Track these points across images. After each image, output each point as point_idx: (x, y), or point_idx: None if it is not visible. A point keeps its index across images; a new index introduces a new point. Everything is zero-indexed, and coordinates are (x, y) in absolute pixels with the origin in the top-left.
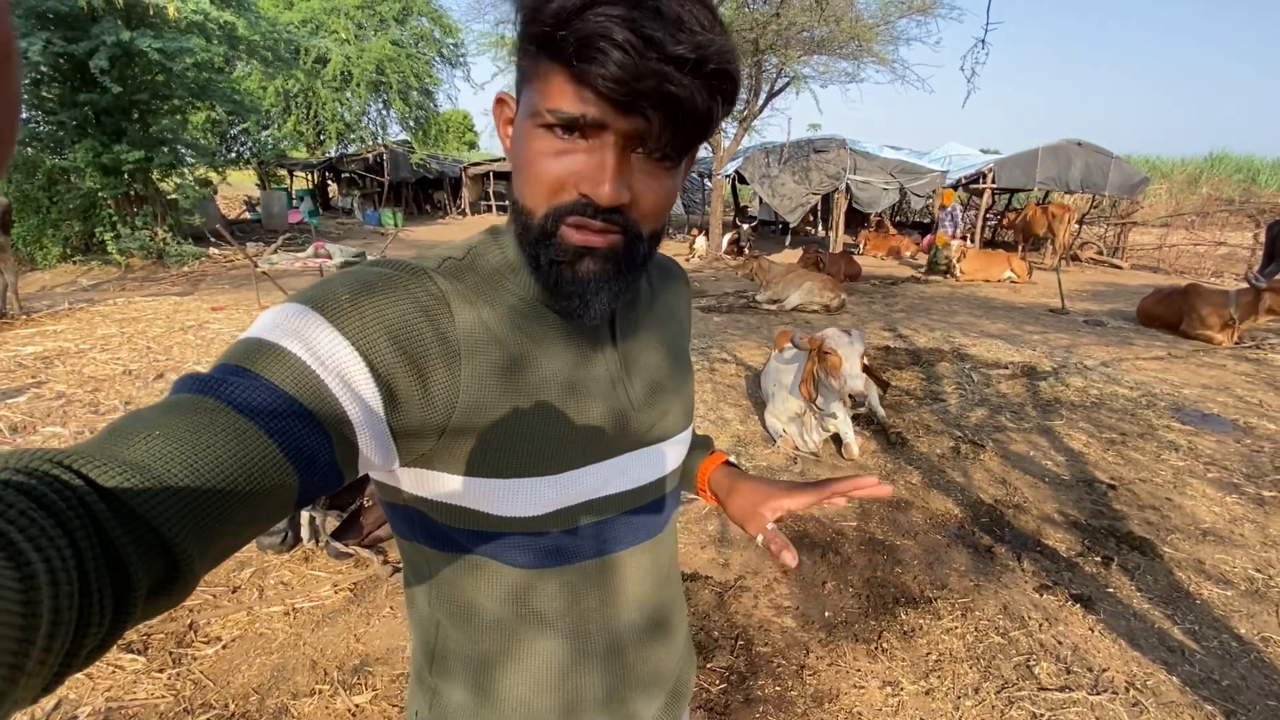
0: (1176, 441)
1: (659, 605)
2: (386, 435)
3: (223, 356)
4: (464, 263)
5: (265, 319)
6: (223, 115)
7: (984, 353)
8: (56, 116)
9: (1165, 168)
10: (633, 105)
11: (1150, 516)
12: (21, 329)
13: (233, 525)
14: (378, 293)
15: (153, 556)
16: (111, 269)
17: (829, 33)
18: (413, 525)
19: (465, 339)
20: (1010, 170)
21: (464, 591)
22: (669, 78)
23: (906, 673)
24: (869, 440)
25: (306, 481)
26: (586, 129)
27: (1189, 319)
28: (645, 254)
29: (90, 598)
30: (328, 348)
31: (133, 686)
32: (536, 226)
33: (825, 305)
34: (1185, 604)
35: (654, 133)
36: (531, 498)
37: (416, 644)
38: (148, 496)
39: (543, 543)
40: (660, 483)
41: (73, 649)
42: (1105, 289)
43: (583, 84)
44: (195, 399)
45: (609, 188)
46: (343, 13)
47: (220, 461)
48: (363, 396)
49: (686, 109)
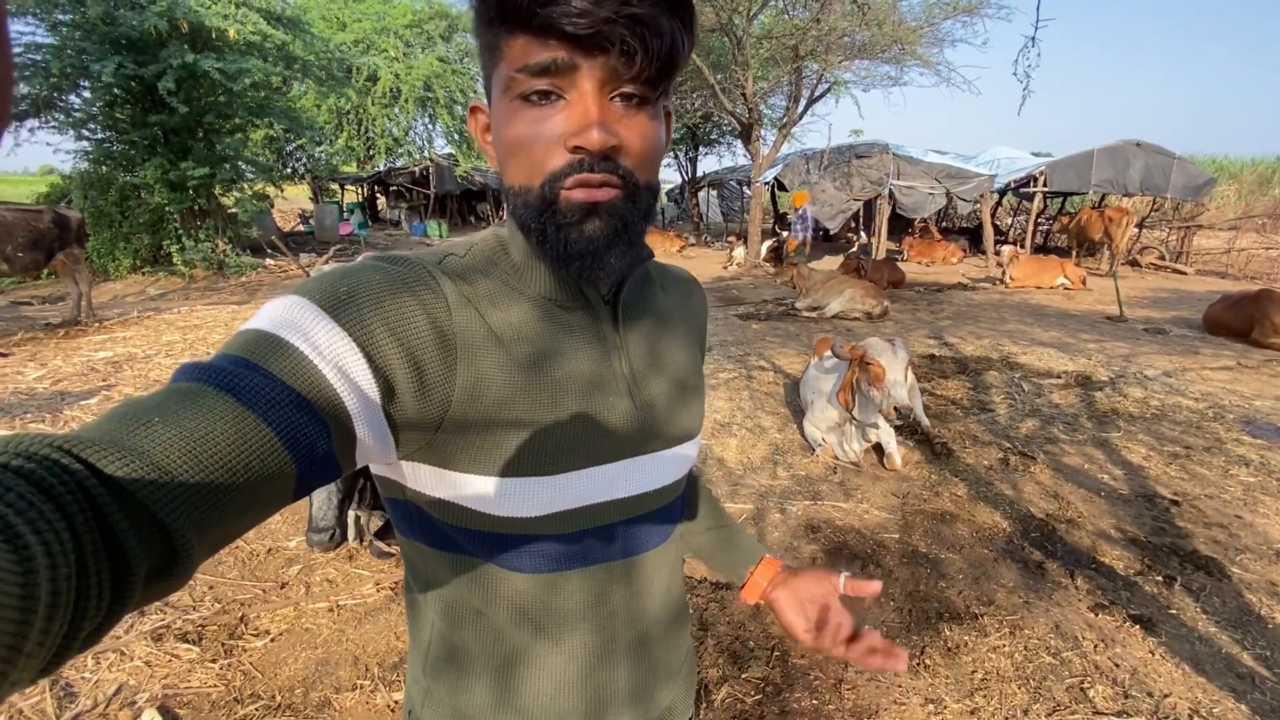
0: (1247, 456)
1: (658, 618)
2: (384, 426)
3: (223, 347)
4: (465, 260)
5: (265, 312)
6: (280, 132)
7: (1035, 361)
8: (128, 136)
9: (1233, 168)
10: (599, 39)
11: (1218, 535)
12: (94, 335)
13: (231, 512)
14: (376, 286)
15: (151, 542)
16: (176, 279)
17: (870, 37)
18: (411, 522)
19: (462, 334)
20: (1063, 173)
21: (457, 591)
22: (627, 0)
23: (950, 691)
24: (912, 450)
25: (304, 471)
26: (560, 78)
27: (1261, 327)
28: (647, 206)
29: (88, 581)
30: (326, 339)
31: (188, 675)
32: (536, 198)
33: (867, 313)
34: (1256, 628)
35: (625, 63)
36: (528, 498)
37: (411, 643)
38: (147, 482)
39: (540, 545)
40: (666, 489)
41: (71, 631)
42: (1168, 295)
43: (547, 33)
44: (195, 387)
45: (596, 131)
46: (392, 32)
47: (219, 449)
48: (360, 387)
49: (652, 30)
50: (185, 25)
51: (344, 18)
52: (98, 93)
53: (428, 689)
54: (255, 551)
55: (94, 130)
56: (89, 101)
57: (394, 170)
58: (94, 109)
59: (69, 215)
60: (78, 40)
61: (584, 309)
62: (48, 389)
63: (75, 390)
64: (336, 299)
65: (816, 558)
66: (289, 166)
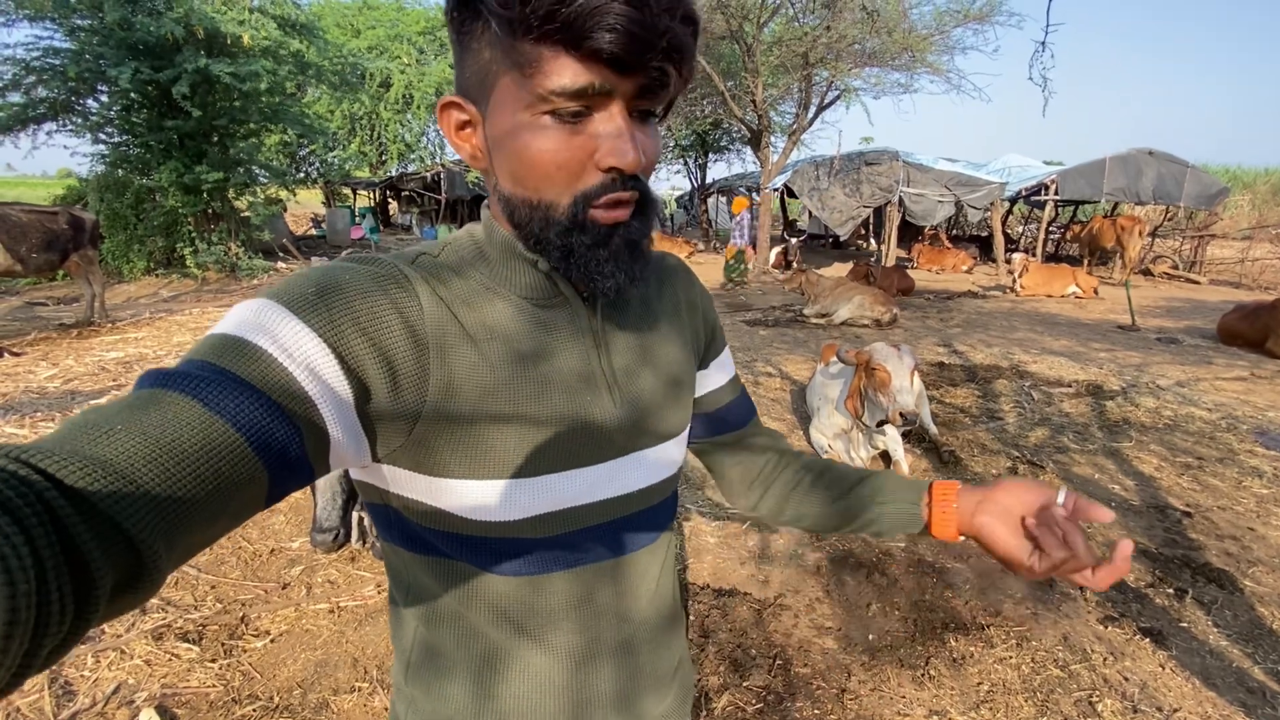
0: (1261, 468)
1: (645, 621)
2: (357, 428)
3: (189, 352)
4: (439, 258)
5: (232, 315)
6: (293, 138)
7: (1045, 370)
8: (144, 140)
9: (1247, 178)
10: (637, 64)
11: (1230, 547)
12: (106, 336)
13: (200, 520)
14: (346, 286)
15: (117, 554)
16: (189, 281)
17: (881, 44)
18: (389, 526)
19: (435, 333)
20: (1075, 181)
21: (437, 595)
22: (672, 29)
23: (955, 702)
24: (920, 458)
25: (276, 475)
26: (594, 100)
27: (1277, 336)
28: (655, 211)
29: (49, 597)
30: (295, 341)
31: (187, 675)
32: (565, 216)
33: (876, 320)
34: (1268, 642)
35: (657, 85)
36: (506, 502)
37: (395, 651)
38: (110, 492)
39: (519, 548)
40: (651, 490)
41: (31, 649)
42: (1181, 305)
43: (585, 55)
44: (159, 393)
45: (633, 154)
46: (406, 39)
47: (185, 456)
48: (332, 388)
49: (684, 54)
50: (201, 31)
51: (358, 24)
52: (114, 97)
53: (411, 698)
54: (258, 552)
55: (111, 134)
56: (106, 105)
57: (406, 175)
58: (111, 113)
59: (84, 217)
60: (95, 45)
61: (562, 306)
62: (59, 388)
63: (86, 390)
64: (305, 299)
65: (820, 566)
66: (302, 171)
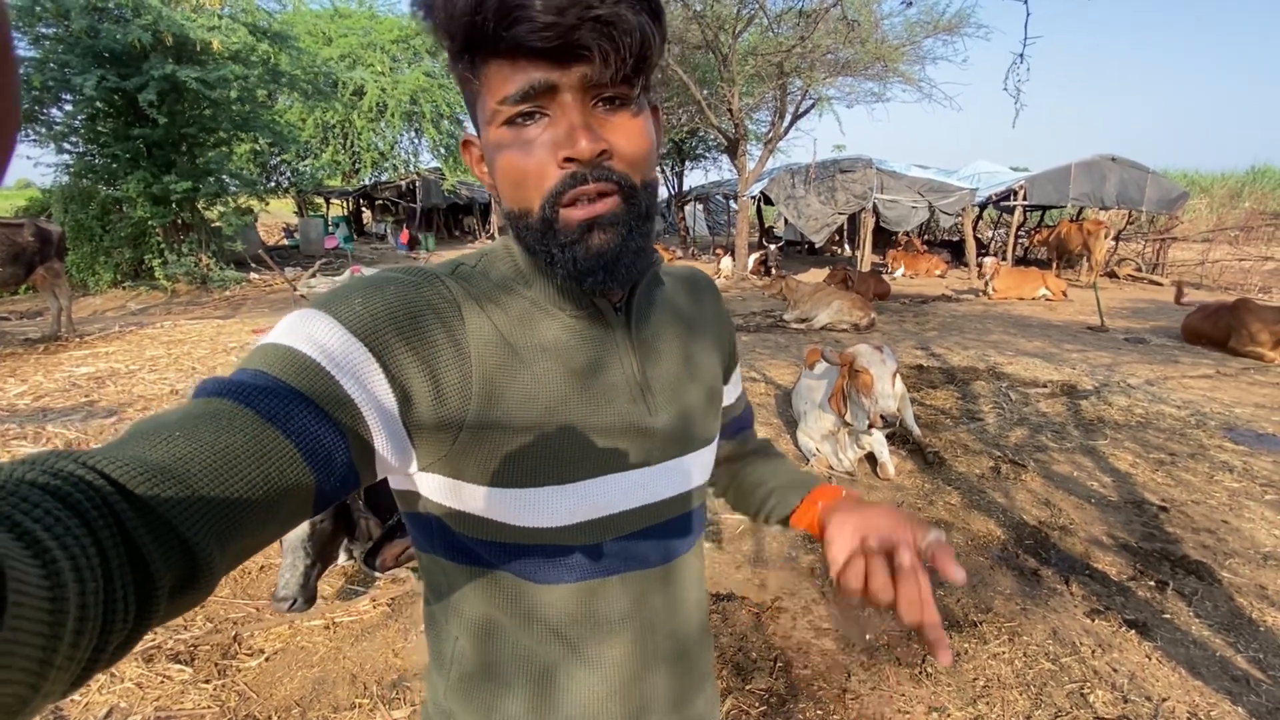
0: (1230, 462)
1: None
2: (402, 435)
3: (242, 361)
4: (477, 269)
5: (282, 325)
6: (264, 146)
7: (1021, 371)
8: (110, 149)
9: (1205, 182)
10: (569, 48)
11: (1206, 540)
12: (75, 351)
13: (251, 525)
14: (390, 296)
15: (174, 556)
16: (158, 294)
17: (854, 54)
18: (431, 537)
19: (476, 342)
20: (1042, 187)
21: (484, 607)
22: (595, 6)
23: (953, 698)
24: (905, 460)
25: (324, 481)
26: (540, 97)
27: (1238, 335)
28: (647, 205)
29: (114, 594)
30: (341, 350)
31: (180, 696)
32: (538, 220)
33: (855, 324)
34: (1248, 631)
35: (599, 67)
36: (549, 508)
37: (432, 664)
38: (168, 497)
39: (565, 556)
40: (684, 498)
41: (100, 644)
42: (1146, 306)
43: (517, 55)
44: (215, 402)
45: (584, 140)
46: (379, 47)
47: (239, 463)
48: (377, 397)
49: (620, 29)
50: (169, 38)
51: (330, 32)
52: (79, 106)
53: (449, 712)
54: (248, 569)
55: (75, 143)
56: (70, 115)
57: (380, 184)
58: (76, 122)
59: (50, 229)
60: (60, 54)
61: (595, 316)
62: (29, 405)
63: (58, 406)
64: (351, 310)
65: (815, 567)
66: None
